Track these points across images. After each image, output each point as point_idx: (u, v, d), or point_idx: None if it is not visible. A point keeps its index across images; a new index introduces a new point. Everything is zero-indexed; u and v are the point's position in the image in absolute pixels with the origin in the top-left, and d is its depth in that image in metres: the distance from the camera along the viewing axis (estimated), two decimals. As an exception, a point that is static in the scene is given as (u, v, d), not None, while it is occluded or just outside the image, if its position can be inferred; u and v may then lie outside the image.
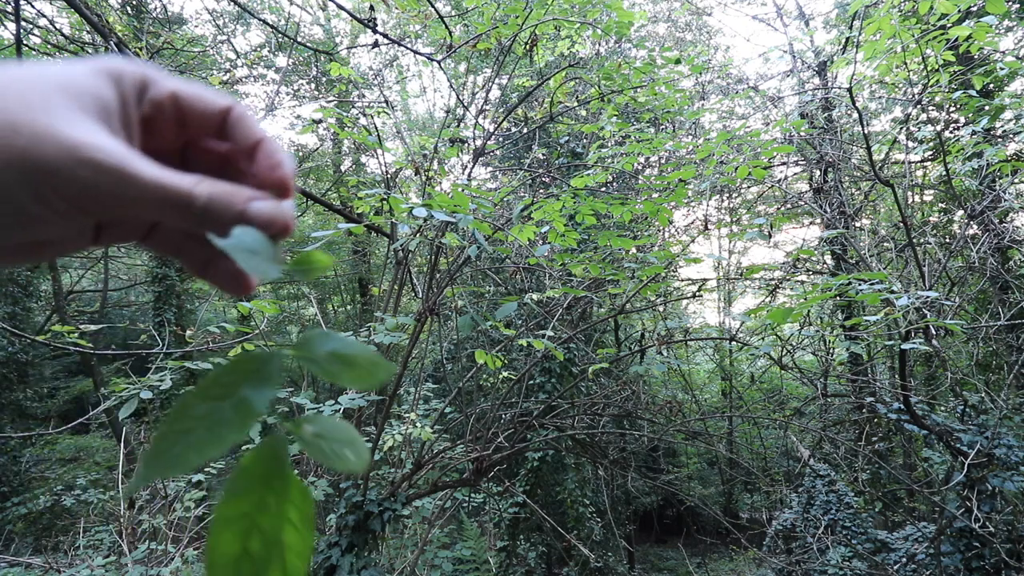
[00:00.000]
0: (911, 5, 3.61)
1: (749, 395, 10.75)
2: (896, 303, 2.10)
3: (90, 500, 6.34)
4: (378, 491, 3.16)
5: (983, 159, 4.09)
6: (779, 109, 8.55)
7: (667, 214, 3.16)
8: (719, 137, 3.06)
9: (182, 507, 3.84)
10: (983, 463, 3.62)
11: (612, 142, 4.68)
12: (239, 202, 0.31)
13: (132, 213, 0.29)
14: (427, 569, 4.48)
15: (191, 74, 8.75)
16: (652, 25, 11.34)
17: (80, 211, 0.28)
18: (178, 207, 0.29)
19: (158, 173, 0.29)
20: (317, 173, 13.83)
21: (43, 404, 10.79)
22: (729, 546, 9.25)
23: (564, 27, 3.79)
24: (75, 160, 0.26)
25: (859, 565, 4.88)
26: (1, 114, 0.26)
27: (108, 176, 0.27)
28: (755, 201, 9.60)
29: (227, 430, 0.26)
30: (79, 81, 0.29)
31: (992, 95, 5.97)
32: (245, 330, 3.15)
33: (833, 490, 5.71)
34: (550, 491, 7.02)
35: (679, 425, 4.52)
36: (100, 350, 2.44)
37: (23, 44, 2.49)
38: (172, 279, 10.45)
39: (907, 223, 3.33)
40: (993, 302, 5.98)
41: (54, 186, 0.26)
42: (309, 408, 3.07)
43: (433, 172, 3.68)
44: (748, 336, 4.15)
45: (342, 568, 2.88)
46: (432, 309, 2.93)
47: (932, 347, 3.02)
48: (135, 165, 0.28)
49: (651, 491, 11.06)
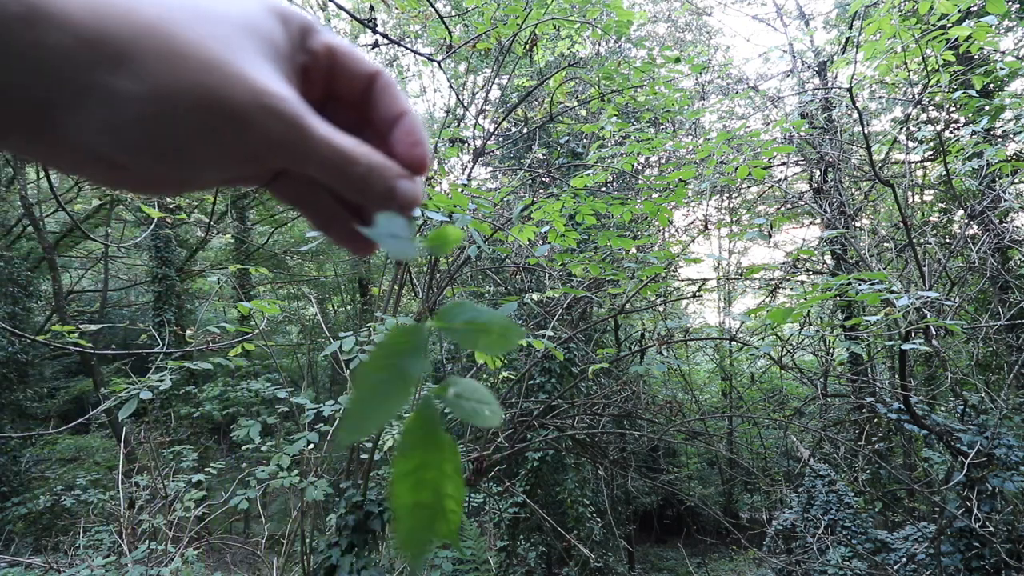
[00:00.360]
0: (911, 5, 3.61)
1: (749, 395, 10.75)
2: (896, 303, 2.10)
3: (90, 500, 6.33)
4: (378, 491, 3.16)
5: (983, 159, 4.09)
6: (779, 109, 8.55)
7: (667, 214, 3.17)
8: (719, 137, 3.06)
9: (182, 507, 3.84)
10: (983, 463, 3.62)
11: (612, 142, 4.68)
12: (390, 177, 0.31)
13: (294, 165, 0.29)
14: (427, 569, 4.48)
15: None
16: (652, 25, 11.34)
17: (251, 158, 0.27)
18: (339, 169, 0.30)
19: (328, 131, 0.29)
20: (317, 173, 13.79)
21: (43, 404, 10.79)
22: (729, 546, 9.25)
23: (564, 27, 3.79)
24: (262, 108, 0.26)
25: (859, 565, 4.88)
26: (193, 48, 0.25)
27: (288, 128, 0.27)
28: (755, 201, 9.60)
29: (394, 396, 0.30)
30: (257, 20, 0.28)
31: (992, 95, 5.97)
32: (245, 330, 3.15)
33: (833, 490, 5.71)
34: (550, 491, 7.02)
35: (679, 425, 4.52)
36: (100, 350, 2.44)
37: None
38: (172, 279, 10.44)
39: (907, 223, 3.33)
40: (993, 302, 5.98)
41: (236, 131, 0.26)
42: (309, 408, 3.07)
43: (433, 172, 3.68)
44: (748, 336, 4.15)
45: (342, 568, 2.89)
46: (432, 309, 2.94)
47: (932, 347, 3.02)
48: (310, 120, 0.28)
49: (651, 491, 11.06)
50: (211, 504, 4.36)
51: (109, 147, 0.25)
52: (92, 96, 0.24)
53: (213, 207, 4.59)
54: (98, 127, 0.24)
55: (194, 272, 12.70)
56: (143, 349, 3.04)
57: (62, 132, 0.25)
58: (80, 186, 12.12)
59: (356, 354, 2.56)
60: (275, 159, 0.28)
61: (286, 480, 3.11)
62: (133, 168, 0.26)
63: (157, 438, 4.36)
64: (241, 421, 3.04)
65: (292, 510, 3.67)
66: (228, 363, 2.82)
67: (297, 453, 2.99)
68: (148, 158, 0.26)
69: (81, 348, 2.60)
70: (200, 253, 13.76)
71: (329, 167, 0.29)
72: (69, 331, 2.60)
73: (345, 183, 0.30)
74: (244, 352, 2.89)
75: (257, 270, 3.37)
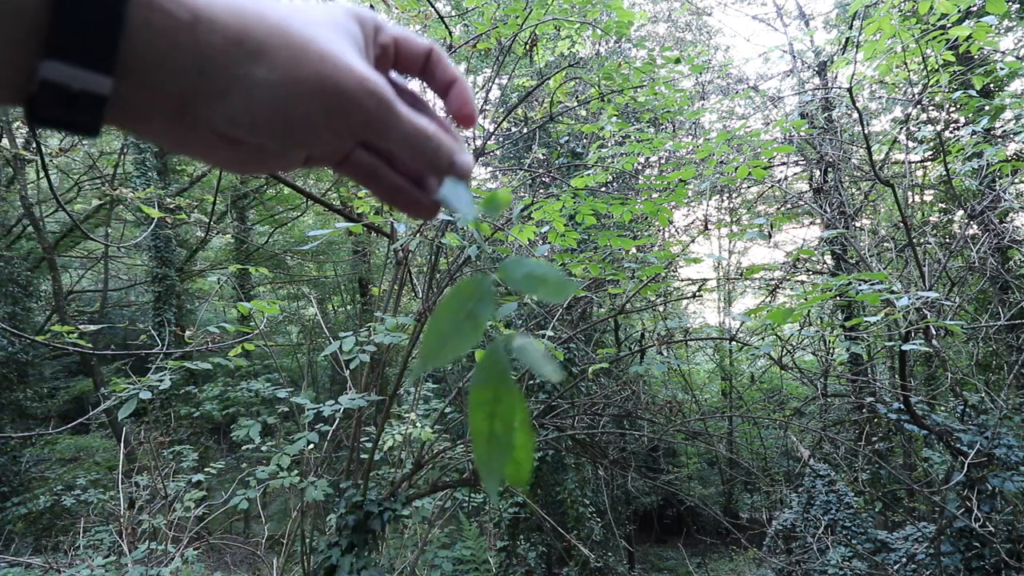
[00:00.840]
0: (911, 5, 3.61)
1: (749, 395, 10.75)
2: (896, 303, 2.10)
3: (90, 500, 6.33)
4: (378, 491, 3.16)
5: (983, 159, 4.09)
6: (779, 109, 8.55)
7: (667, 214, 3.16)
8: (719, 137, 3.05)
9: (182, 507, 3.84)
10: (983, 463, 3.62)
11: (612, 142, 4.67)
12: (454, 151, 0.37)
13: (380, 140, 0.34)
14: (427, 569, 4.48)
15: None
16: (652, 25, 11.33)
17: (350, 134, 0.33)
18: (417, 145, 0.35)
19: (410, 112, 0.34)
20: (317, 173, 13.81)
21: (43, 404, 10.78)
22: (729, 546, 9.25)
23: (564, 27, 3.79)
24: (364, 90, 0.31)
25: (859, 565, 4.88)
26: (311, 43, 0.30)
27: (381, 107, 0.32)
28: (755, 201, 9.60)
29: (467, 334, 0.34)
30: (342, 21, 0.33)
31: (992, 95, 5.97)
32: (245, 330, 3.15)
33: (833, 490, 5.71)
34: (550, 491, 7.02)
35: (679, 425, 4.52)
36: (100, 350, 2.44)
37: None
38: (172, 279, 10.43)
39: (907, 223, 3.33)
40: (993, 302, 5.97)
41: (344, 109, 0.31)
42: (309, 408, 3.07)
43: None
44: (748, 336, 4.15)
45: (342, 568, 2.88)
46: (432, 309, 2.94)
47: (932, 347, 3.02)
48: (397, 102, 0.33)
49: (651, 491, 11.05)
50: (211, 504, 4.36)
51: (241, 129, 0.30)
52: (239, 85, 0.29)
53: (213, 207, 4.59)
54: (237, 111, 0.29)
55: (194, 272, 12.69)
56: (143, 349, 3.04)
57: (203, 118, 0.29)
58: (80, 186, 12.13)
59: (356, 354, 2.56)
60: (368, 134, 0.33)
61: (286, 480, 3.11)
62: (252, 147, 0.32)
63: (157, 438, 4.36)
64: (241, 421, 3.04)
65: (292, 510, 3.67)
66: (228, 363, 2.82)
67: (297, 453, 2.99)
68: (268, 136, 0.31)
69: (81, 348, 2.60)
70: (200, 253, 13.76)
71: (408, 141, 0.35)
72: (69, 331, 2.60)
73: (418, 156, 0.36)
74: (244, 352, 2.89)
75: (257, 270, 3.37)
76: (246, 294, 12.39)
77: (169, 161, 12.49)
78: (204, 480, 4.12)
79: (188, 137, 0.31)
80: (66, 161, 12.01)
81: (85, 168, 12.33)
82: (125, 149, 10.57)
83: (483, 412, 0.34)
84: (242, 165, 0.33)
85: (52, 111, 0.26)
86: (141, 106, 0.28)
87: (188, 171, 13.13)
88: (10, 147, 7.84)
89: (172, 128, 0.30)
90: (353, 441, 3.33)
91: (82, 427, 11.58)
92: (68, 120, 0.27)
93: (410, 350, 3.17)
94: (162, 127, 0.30)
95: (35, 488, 8.96)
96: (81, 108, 0.26)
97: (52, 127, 0.27)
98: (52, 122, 0.27)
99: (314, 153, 0.35)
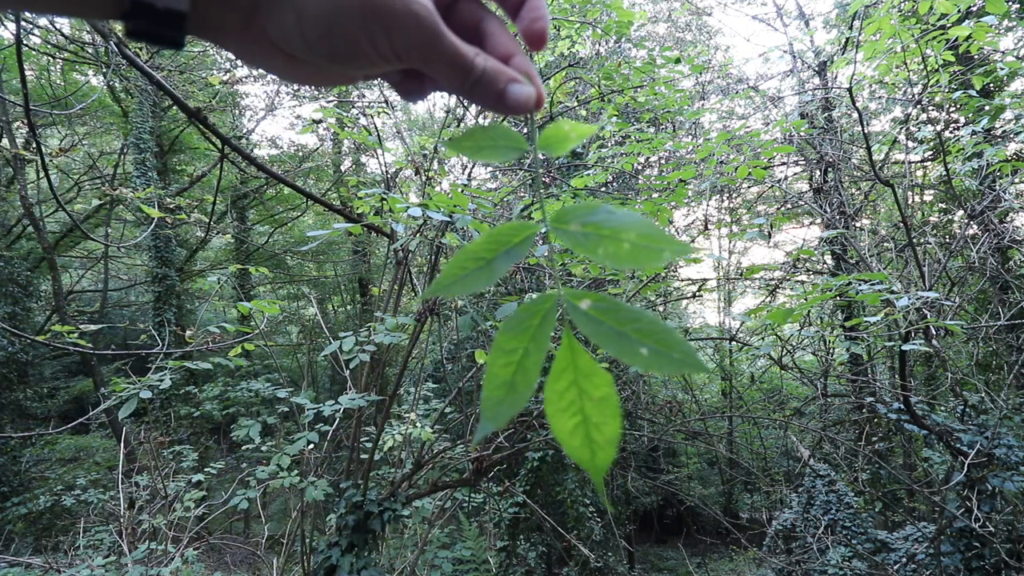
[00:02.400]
0: (911, 5, 3.61)
1: (749, 395, 10.74)
2: (896, 303, 2.10)
3: (90, 500, 6.32)
4: (378, 491, 3.16)
5: (983, 159, 4.09)
6: (779, 109, 8.55)
7: (667, 214, 3.16)
8: (719, 137, 3.05)
9: (182, 507, 3.84)
10: (983, 463, 3.62)
11: (612, 142, 4.67)
12: (503, 80, 0.37)
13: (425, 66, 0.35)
14: (427, 569, 4.47)
15: (191, 73, 8.75)
16: (652, 25, 11.33)
17: (396, 56, 0.34)
18: (460, 71, 0.36)
19: (455, 40, 0.35)
20: (317, 173, 13.82)
21: (43, 404, 10.78)
22: (729, 546, 9.24)
23: (564, 27, 3.79)
24: (407, 13, 0.33)
25: (859, 565, 4.88)
26: None
27: (425, 33, 0.33)
28: (755, 201, 9.59)
29: (481, 281, 0.34)
30: None
31: (992, 95, 5.97)
32: (245, 330, 3.15)
33: (833, 490, 5.71)
34: (550, 491, 7.02)
35: (679, 425, 4.52)
36: (100, 350, 2.44)
37: (23, 44, 2.49)
38: (172, 279, 10.43)
39: (907, 223, 3.33)
40: (993, 302, 5.97)
41: (389, 31, 0.33)
42: (309, 408, 3.06)
43: (433, 172, 3.68)
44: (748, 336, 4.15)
45: (342, 568, 2.88)
46: (432, 309, 2.94)
47: (932, 347, 3.01)
48: (443, 28, 0.34)
49: (651, 491, 11.06)
50: (211, 504, 4.36)
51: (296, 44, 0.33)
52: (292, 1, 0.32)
53: (213, 207, 4.59)
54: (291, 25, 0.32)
55: (194, 272, 12.69)
56: (143, 349, 3.04)
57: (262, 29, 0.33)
58: (80, 186, 12.12)
59: (356, 354, 2.56)
60: (412, 58, 0.34)
61: (286, 480, 3.11)
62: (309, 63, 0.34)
63: (157, 438, 4.36)
64: (241, 421, 3.04)
65: (292, 510, 3.67)
66: (228, 363, 2.82)
67: (297, 453, 2.99)
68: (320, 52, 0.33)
69: (81, 348, 2.60)
70: (200, 253, 13.75)
71: (452, 69, 0.35)
72: (69, 331, 2.60)
73: (462, 85, 0.36)
74: (244, 352, 2.88)
75: (257, 270, 3.36)
76: (246, 294, 12.39)
77: (169, 161, 12.50)
78: (204, 480, 4.12)
79: (254, 49, 0.34)
80: (66, 161, 12.01)
81: (85, 168, 12.33)
82: (125, 149, 10.58)
83: (506, 360, 0.32)
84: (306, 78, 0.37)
85: (142, 26, 0.30)
86: (214, 19, 0.32)
87: (188, 171, 13.13)
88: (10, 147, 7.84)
89: (241, 39, 0.34)
90: (353, 441, 3.33)
91: (82, 427, 11.58)
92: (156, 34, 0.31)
93: (410, 350, 3.17)
94: (233, 38, 0.34)
95: (35, 488, 8.95)
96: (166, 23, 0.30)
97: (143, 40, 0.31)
98: (143, 35, 0.31)
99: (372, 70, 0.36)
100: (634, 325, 0.30)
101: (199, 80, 9.03)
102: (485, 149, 0.38)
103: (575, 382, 0.32)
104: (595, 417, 0.32)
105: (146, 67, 2.46)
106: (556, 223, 0.34)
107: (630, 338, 0.30)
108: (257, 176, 11.53)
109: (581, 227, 0.33)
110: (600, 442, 0.32)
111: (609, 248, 0.31)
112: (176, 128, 11.99)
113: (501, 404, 0.32)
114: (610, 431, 0.32)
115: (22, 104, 2.23)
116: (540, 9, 0.39)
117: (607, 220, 0.32)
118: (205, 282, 13.36)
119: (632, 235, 0.31)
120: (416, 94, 0.40)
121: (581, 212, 0.33)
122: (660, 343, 0.29)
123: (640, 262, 0.31)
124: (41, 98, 9.17)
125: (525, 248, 0.34)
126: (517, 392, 0.32)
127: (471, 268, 0.34)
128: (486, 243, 0.34)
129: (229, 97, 11.54)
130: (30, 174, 10.26)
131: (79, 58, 7.41)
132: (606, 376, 0.31)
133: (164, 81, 2.30)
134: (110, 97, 10.76)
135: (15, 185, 9.55)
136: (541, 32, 0.38)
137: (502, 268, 0.34)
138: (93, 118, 11.10)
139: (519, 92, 0.37)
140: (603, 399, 0.31)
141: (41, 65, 9.64)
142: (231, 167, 10.99)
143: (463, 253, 0.34)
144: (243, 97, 12.47)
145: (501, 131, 0.38)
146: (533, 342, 0.32)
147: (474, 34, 0.39)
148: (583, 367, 0.31)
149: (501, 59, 0.38)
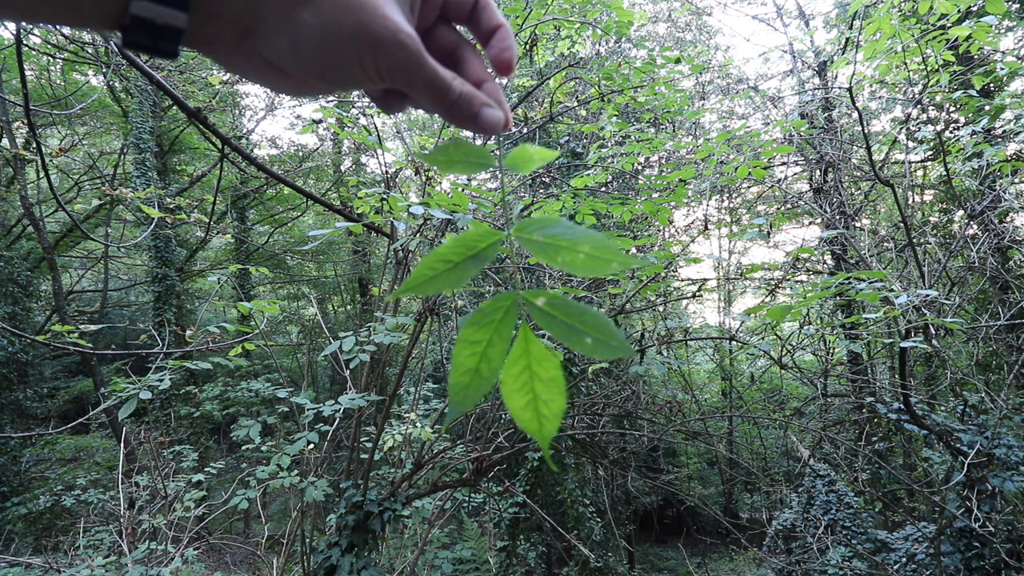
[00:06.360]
0: (911, 5, 3.61)
1: (749, 395, 10.73)
2: (895, 301, 2.10)
3: (90, 500, 6.32)
4: (378, 491, 3.16)
5: (983, 159, 4.09)
6: (779, 109, 8.55)
7: (667, 214, 3.16)
8: (719, 137, 3.05)
9: (182, 507, 3.84)
10: (983, 463, 3.62)
11: (612, 142, 4.67)
12: (476, 104, 0.40)
13: (407, 87, 0.38)
14: (427, 569, 4.47)
15: (191, 73, 8.74)
16: (652, 25, 11.33)
17: (380, 78, 0.37)
18: (439, 93, 0.39)
19: (435, 65, 0.38)
20: (317, 173, 13.82)
21: (43, 404, 10.77)
22: (729, 546, 9.24)
23: (564, 27, 3.79)
24: (395, 41, 0.35)
25: (859, 565, 4.88)
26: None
27: (410, 58, 0.36)
28: (755, 201, 9.59)
29: (449, 282, 0.36)
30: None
31: (992, 95, 5.97)
32: (245, 330, 3.15)
33: (833, 490, 5.71)
34: (550, 491, 7.01)
35: (679, 425, 4.52)
36: (100, 350, 2.44)
37: (23, 44, 2.48)
38: (172, 279, 10.43)
39: (907, 223, 3.33)
40: (993, 302, 5.97)
41: (375, 56, 0.35)
42: (309, 408, 3.07)
43: (433, 172, 3.68)
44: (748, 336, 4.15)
45: (342, 568, 2.88)
46: (432, 309, 2.94)
47: (932, 347, 3.01)
48: (425, 55, 0.37)
49: (651, 491, 11.05)
50: (211, 504, 4.36)
51: (288, 62, 0.36)
52: (288, 25, 0.34)
53: (213, 207, 4.58)
54: (285, 47, 0.35)
55: (194, 272, 12.68)
56: (143, 349, 3.04)
57: (257, 49, 0.35)
58: (80, 186, 12.12)
59: (356, 354, 2.56)
60: (396, 80, 0.37)
61: (286, 480, 3.11)
62: (298, 78, 0.37)
63: (157, 438, 4.36)
64: (241, 421, 3.04)
65: (292, 510, 3.67)
66: (228, 363, 2.82)
67: (297, 453, 2.99)
68: (310, 71, 0.36)
69: (81, 348, 2.60)
70: (200, 253, 13.75)
71: (431, 91, 0.38)
72: (69, 331, 2.60)
73: (440, 105, 0.39)
74: (244, 352, 2.88)
75: (257, 270, 3.36)
76: (246, 294, 12.39)
77: (169, 161, 12.50)
78: (204, 480, 4.11)
79: (245, 64, 0.36)
80: (66, 161, 12.00)
81: (85, 168, 12.33)
82: (125, 149, 10.57)
83: (471, 350, 0.35)
84: (292, 91, 0.39)
85: (140, 39, 0.32)
86: (209, 35, 0.34)
87: (188, 171, 13.13)
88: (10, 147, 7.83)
89: (232, 55, 0.36)
90: (353, 441, 3.33)
91: (82, 427, 11.58)
92: (153, 46, 0.33)
93: (410, 350, 3.17)
94: (225, 53, 0.36)
95: (35, 488, 8.95)
96: (163, 37, 0.32)
97: (141, 51, 0.33)
98: (141, 47, 0.33)
99: (357, 87, 0.39)
100: (580, 319, 0.35)
101: (199, 80, 9.02)
102: (457, 163, 0.42)
103: (528, 366, 0.36)
104: (544, 395, 0.36)
105: (146, 67, 2.47)
106: (520, 232, 0.37)
107: (577, 329, 0.34)
108: (257, 176, 11.53)
109: (543, 237, 0.36)
110: (547, 415, 0.36)
111: (567, 257, 0.35)
112: (176, 128, 11.99)
113: (467, 389, 0.35)
114: (556, 406, 0.36)
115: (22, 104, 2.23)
116: (508, 40, 0.42)
117: (564, 233, 0.36)
118: (205, 282, 13.35)
119: (587, 247, 0.35)
120: (396, 108, 0.44)
121: (542, 224, 0.37)
122: (601, 333, 0.34)
123: (594, 271, 0.35)
124: (41, 98, 9.16)
125: (492, 253, 0.37)
126: (482, 377, 0.35)
127: (440, 270, 0.36)
128: (454, 247, 0.37)
129: (229, 97, 11.54)
130: (30, 174, 10.26)
131: (79, 58, 7.40)
132: (555, 360, 0.36)
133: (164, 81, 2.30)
134: (110, 97, 10.76)
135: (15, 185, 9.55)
136: (508, 61, 0.42)
137: (470, 271, 0.37)
138: (93, 118, 11.10)
139: (490, 115, 0.41)
140: (551, 379, 0.36)
141: (41, 65, 9.64)
142: (231, 167, 10.98)
143: (433, 255, 0.37)
144: (243, 97, 12.48)
145: (471, 148, 0.42)
146: (496, 333, 0.35)
147: (450, 58, 0.43)
148: (535, 353, 0.36)
149: (474, 84, 0.42)
